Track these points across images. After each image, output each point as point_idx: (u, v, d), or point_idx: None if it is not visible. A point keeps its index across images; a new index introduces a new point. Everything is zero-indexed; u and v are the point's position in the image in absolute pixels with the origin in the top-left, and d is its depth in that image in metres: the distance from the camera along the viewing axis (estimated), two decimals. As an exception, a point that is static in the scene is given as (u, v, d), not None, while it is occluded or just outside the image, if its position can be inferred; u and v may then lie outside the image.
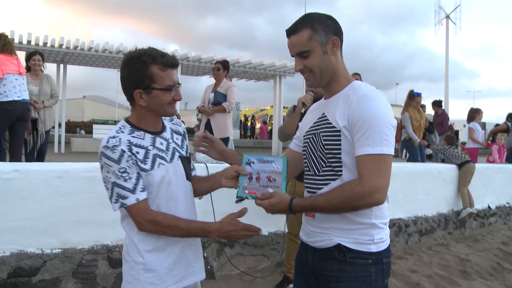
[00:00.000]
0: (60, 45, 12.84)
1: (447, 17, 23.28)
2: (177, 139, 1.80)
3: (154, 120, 1.71)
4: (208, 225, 1.64)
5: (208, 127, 5.80)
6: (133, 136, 1.64)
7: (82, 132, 25.22)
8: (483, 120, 10.12)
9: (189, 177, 1.80)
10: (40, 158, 5.83)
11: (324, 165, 1.64)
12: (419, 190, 5.75)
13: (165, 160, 1.68)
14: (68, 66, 14.94)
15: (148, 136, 1.68)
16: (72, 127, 25.47)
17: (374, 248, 1.60)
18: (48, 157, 5.85)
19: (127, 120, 1.70)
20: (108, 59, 14.48)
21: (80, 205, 3.30)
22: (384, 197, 1.52)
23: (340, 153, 1.59)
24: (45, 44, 12.76)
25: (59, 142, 14.21)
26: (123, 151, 1.56)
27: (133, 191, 1.58)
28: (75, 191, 3.28)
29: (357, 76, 6.46)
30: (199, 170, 2.00)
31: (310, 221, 1.71)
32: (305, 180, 1.75)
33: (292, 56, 1.69)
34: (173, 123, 1.84)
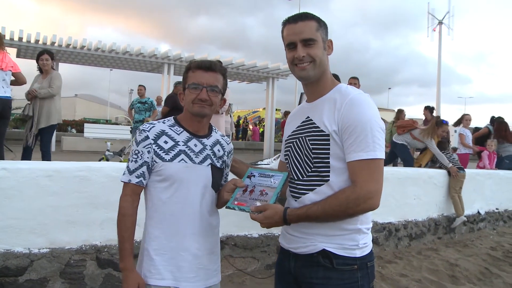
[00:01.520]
0: (53, 43, 12.71)
1: (440, 23, 23.48)
2: (218, 150, 1.84)
3: (194, 121, 1.79)
4: (129, 259, 1.69)
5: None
6: (170, 128, 1.77)
7: (73, 130, 24.93)
8: (473, 126, 10.20)
9: (216, 186, 1.81)
10: (26, 156, 5.53)
11: (310, 170, 1.61)
12: (410, 194, 5.79)
13: (191, 160, 1.73)
14: (60, 64, 14.81)
15: (185, 134, 1.77)
16: (63, 126, 25.14)
17: (358, 253, 1.58)
18: (37, 155, 5.71)
19: (174, 117, 1.84)
20: (101, 58, 14.36)
21: (69, 205, 3.26)
22: (378, 202, 1.50)
23: (328, 158, 1.56)
24: (37, 41, 12.61)
25: (50, 141, 14.03)
26: (147, 137, 1.71)
27: (131, 172, 1.71)
28: (64, 191, 3.25)
29: (355, 80, 6.46)
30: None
31: (292, 226, 1.64)
32: (288, 185, 1.72)
33: (288, 43, 1.63)
34: (223, 138, 1.91)
